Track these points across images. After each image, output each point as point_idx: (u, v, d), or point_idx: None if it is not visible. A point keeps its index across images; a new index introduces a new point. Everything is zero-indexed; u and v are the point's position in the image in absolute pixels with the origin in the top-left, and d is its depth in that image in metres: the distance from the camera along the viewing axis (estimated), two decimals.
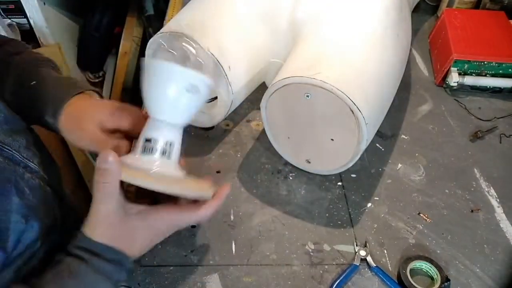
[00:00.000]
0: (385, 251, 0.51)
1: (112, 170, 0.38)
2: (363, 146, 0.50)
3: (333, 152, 0.54)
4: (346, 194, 0.56)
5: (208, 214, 0.43)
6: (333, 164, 0.55)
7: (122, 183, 0.39)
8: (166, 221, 0.42)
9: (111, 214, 0.39)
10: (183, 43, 0.53)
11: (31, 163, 0.46)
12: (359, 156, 0.52)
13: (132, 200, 0.42)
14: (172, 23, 0.56)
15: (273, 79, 0.53)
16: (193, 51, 0.52)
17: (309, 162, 0.57)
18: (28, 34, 1.16)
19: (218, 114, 0.59)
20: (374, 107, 0.50)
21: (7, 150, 0.43)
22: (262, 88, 0.61)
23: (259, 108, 0.56)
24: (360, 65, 0.51)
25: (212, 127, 0.64)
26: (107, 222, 0.39)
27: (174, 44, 0.54)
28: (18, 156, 0.44)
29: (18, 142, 0.46)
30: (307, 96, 0.49)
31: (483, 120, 0.67)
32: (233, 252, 0.50)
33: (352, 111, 0.47)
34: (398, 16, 0.58)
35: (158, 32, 0.55)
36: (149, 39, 0.57)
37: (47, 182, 0.50)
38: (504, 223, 0.54)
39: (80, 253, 0.38)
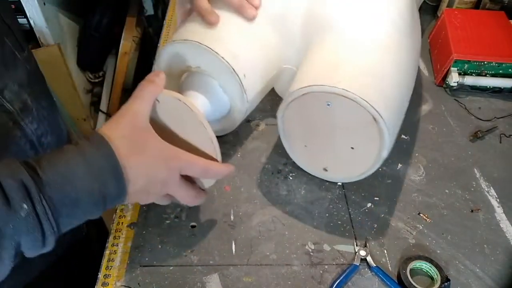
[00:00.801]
0: (385, 251, 0.51)
1: (159, 83, 0.43)
2: (385, 154, 0.49)
3: (352, 160, 0.52)
4: (346, 194, 0.57)
5: (221, 171, 0.44)
6: (352, 172, 0.54)
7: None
8: (168, 148, 0.41)
9: (138, 115, 0.40)
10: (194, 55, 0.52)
11: (7, 104, 0.46)
12: (380, 164, 0.51)
13: None
14: (183, 31, 0.54)
15: (288, 87, 0.52)
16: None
17: (326, 170, 0.56)
18: (28, 34, 1.16)
19: (231, 123, 0.58)
20: (395, 114, 0.50)
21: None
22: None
23: (259, 108, 0.56)
24: (379, 71, 0.50)
25: None
26: (128, 120, 0.39)
27: (186, 53, 0.52)
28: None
29: (4, 83, 0.46)
30: (328, 104, 0.48)
31: (483, 120, 0.67)
32: (233, 252, 0.50)
33: (375, 120, 0.46)
34: (411, 19, 0.57)
35: (172, 41, 0.53)
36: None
37: (21, 128, 0.50)
38: (504, 223, 0.54)
39: (80, 140, 0.37)
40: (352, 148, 0.51)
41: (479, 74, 0.72)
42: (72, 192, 0.34)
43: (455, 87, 0.71)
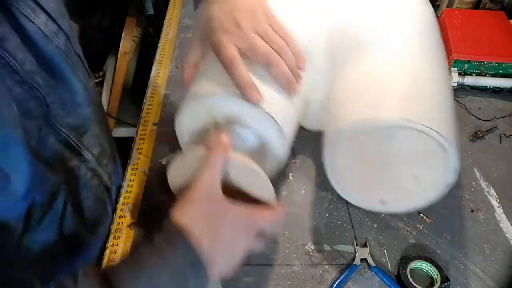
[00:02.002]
0: (385, 251, 0.51)
1: (227, 150, 0.40)
2: (454, 178, 0.46)
3: (415, 189, 0.48)
4: None
5: (277, 216, 0.42)
6: (415, 202, 0.50)
7: None
8: (244, 213, 0.40)
9: (211, 188, 0.38)
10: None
11: (87, 154, 0.48)
12: (447, 190, 0.47)
13: None
14: (206, 85, 0.47)
15: (316, 117, 0.49)
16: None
17: (384, 203, 0.51)
18: None
19: (269, 171, 0.50)
20: (454, 133, 0.45)
21: (63, 134, 0.45)
22: None
23: None
24: (428, 90, 0.46)
25: None
26: (203, 197, 0.38)
27: (213, 105, 0.46)
28: (73, 143, 0.46)
29: (86, 128, 0.48)
30: (386, 138, 0.44)
31: (483, 120, 0.67)
32: None
33: (441, 146, 0.43)
34: (437, 25, 0.54)
35: (209, 95, 0.46)
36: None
37: (100, 179, 0.51)
38: (504, 223, 0.54)
39: (156, 238, 0.36)
40: (416, 178, 0.47)
41: (479, 74, 0.72)
42: None
43: (455, 87, 0.71)
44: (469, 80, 0.71)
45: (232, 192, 0.42)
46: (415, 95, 0.45)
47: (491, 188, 0.58)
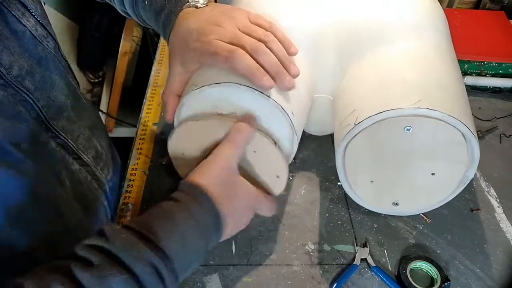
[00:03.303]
0: (385, 251, 0.51)
1: (252, 129, 0.43)
2: (473, 173, 0.44)
3: (430, 188, 0.47)
4: (346, 194, 0.56)
5: (271, 204, 0.46)
6: (429, 202, 0.49)
7: None
8: (252, 190, 0.44)
9: (229, 160, 0.41)
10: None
11: (84, 156, 0.48)
12: (464, 187, 0.46)
13: None
14: (210, 76, 0.44)
15: (323, 117, 0.48)
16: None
17: (397, 205, 0.50)
18: None
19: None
20: (474, 125, 0.44)
21: (62, 138, 0.45)
22: None
23: None
24: (444, 80, 0.44)
25: None
26: (220, 166, 0.41)
27: (218, 98, 0.44)
28: (72, 146, 0.46)
29: (79, 131, 0.48)
30: (408, 129, 0.42)
31: (483, 120, 0.67)
32: (233, 252, 0.50)
33: (465, 138, 0.41)
34: (445, 18, 0.54)
35: (211, 84, 0.43)
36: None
37: (98, 182, 0.51)
38: (504, 223, 0.54)
39: (178, 196, 0.38)
40: (433, 174, 0.45)
41: (479, 74, 0.72)
42: (187, 256, 0.35)
43: None
44: (469, 80, 0.71)
45: (243, 173, 0.44)
46: (435, 85, 0.43)
47: (491, 188, 0.58)
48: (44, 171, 0.41)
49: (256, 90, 0.42)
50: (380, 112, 0.41)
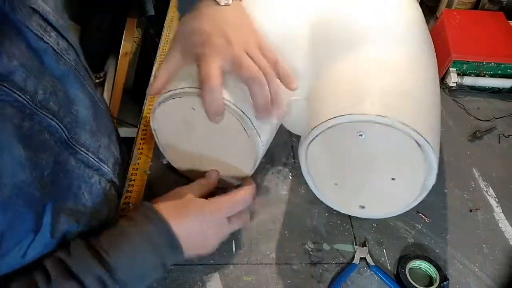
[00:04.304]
0: (384, 250, 0.51)
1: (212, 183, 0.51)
2: (432, 181, 0.44)
3: (394, 192, 0.47)
4: None
5: (246, 198, 0.47)
6: (394, 206, 0.50)
7: None
8: (213, 204, 0.45)
9: (182, 195, 0.46)
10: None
11: (105, 166, 0.48)
12: (426, 193, 0.46)
13: None
14: (181, 78, 0.45)
15: (298, 120, 0.48)
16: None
17: (364, 208, 0.51)
18: None
19: (244, 170, 0.52)
20: (436, 135, 0.44)
21: (83, 153, 0.44)
22: None
23: None
24: (410, 90, 0.44)
25: None
26: (176, 198, 0.45)
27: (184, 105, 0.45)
28: (93, 160, 0.46)
29: (100, 142, 0.48)
30: (360, 135, 0.42)
31: (481, 120, 0.67)
32: (233, 251, 0.51)
33: (419, 145, 0.41)
34: (426, 29, 0.54)
35: (174, 94, 0.44)
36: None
37: (116, 187, 0.52)
38: (503, 222, 0.54)
39: (134, 215, 0.42)
40: (393, 179, 0.46)
41: (478, 75, 0.72)
42: (138, 271, 0.39)
43: (454, 88, 0.71)
44: (468, 81, 0.71)
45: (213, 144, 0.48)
46: (396, 92, 0.43)
47: (490, 188, 0.58)
48: (61, 191, 0.40)
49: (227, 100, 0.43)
50: (332, 118, 0.42)
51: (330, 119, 0.42)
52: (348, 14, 0.50)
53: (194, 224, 0.43)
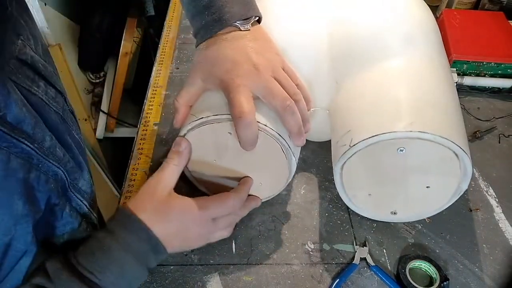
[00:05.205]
0: (384, 251, 0.51)
1: (184, 154, 0.44)
2: (467, 185, 0.46)
3: (427, 198, 0.49)
4: None
5: (234, 202, 0.45)
6: (425, 211, 0.51)
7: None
8: (198, 204, 0.43)
9: (157, 187, 0.42)
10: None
11: (93, 213, 0.48)
12: (458, 197, 0.48)
13: None
14: (206, 109, 0.44)
15: (320, 129, 0.49)
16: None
17: (395, 214, 0.52)
18: None
19: (277, 187, 0.52)
20: (466, 140, 0.45)
21: (79, 200, 0.44)
22: None
23: None
24: (436, 97, 0.45)
25: None
26: (148, 194, 0.42)
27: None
28: (85, 207, 0.46)
29: (90, 183, 0.48)
30: (401, 150, 0.43)
31: (482, 120, 0.67)
32: (233, 251, 0.51)
33: (456, 154, 0.43)
34: (440, 35, 0.54)
35: (206, 118, 0.43)
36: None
37: (93, 225, 0.50)
38: (503, 222, 0.54)
39: (113, 227, 0.39)
40: (428, 187, 0.47)
41: (478, 75, 0.72)
42: (125, 282, 0.39)
43: None
44: (468, 81, 0.71)
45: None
46: (424, 103, 0.44)
47: (490, 188, 0.58)
48: (43, 234, 0.39)
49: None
50: (373, 136, 0.42)
51: (371, 136, 0.42)
52: (365, 22, 0.50)
53: (175, 225, 0.42)
